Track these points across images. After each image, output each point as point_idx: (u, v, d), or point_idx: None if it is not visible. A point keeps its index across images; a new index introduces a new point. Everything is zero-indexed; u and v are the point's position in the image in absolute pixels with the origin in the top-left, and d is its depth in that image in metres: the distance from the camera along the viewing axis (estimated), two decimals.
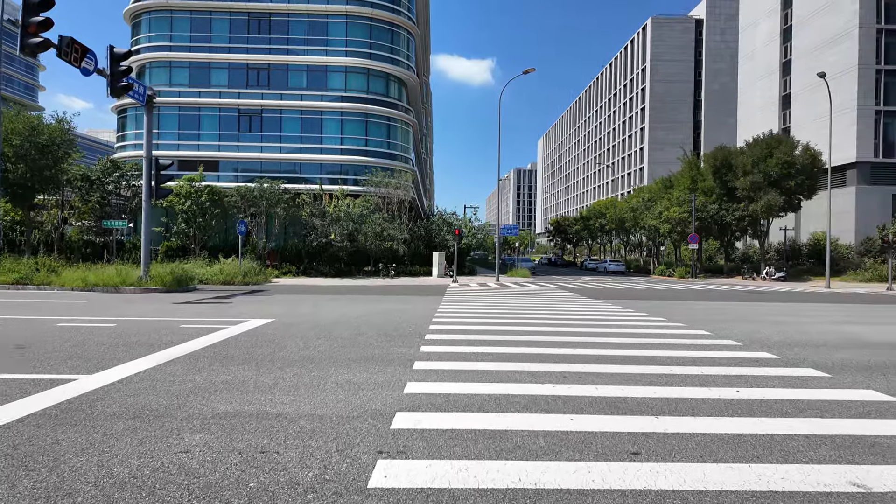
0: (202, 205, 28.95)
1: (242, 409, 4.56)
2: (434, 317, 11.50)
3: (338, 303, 14.86)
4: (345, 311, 12.32)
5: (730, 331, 9.97)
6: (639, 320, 11.52)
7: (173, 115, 37.69)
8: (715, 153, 40.64)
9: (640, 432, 4.11)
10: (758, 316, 12.97)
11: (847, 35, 44.04)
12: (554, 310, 13.69)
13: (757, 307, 15.68)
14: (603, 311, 13.44)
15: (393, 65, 39.16)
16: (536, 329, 9.75)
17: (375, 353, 7.17)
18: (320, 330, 9.25)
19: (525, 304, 15.21)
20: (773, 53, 55.10)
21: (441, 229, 37.46)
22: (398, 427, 4.13)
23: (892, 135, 43.71)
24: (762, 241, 40.00)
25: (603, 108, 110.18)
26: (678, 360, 6.98)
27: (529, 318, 11.49)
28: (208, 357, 6.73)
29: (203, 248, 29.49)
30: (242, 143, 37.70)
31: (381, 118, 38.76)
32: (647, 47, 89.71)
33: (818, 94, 46.87)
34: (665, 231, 41.78)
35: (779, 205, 35.76)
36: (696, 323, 11.16)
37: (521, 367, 6.41)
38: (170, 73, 38.29)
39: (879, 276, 34.38)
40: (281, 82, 38.21)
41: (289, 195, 31.18)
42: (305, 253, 30.40)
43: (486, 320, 11.04)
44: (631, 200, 52.05)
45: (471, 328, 9.73)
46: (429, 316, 11.64)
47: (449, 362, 6.58)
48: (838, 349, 8.08)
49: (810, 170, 36.31)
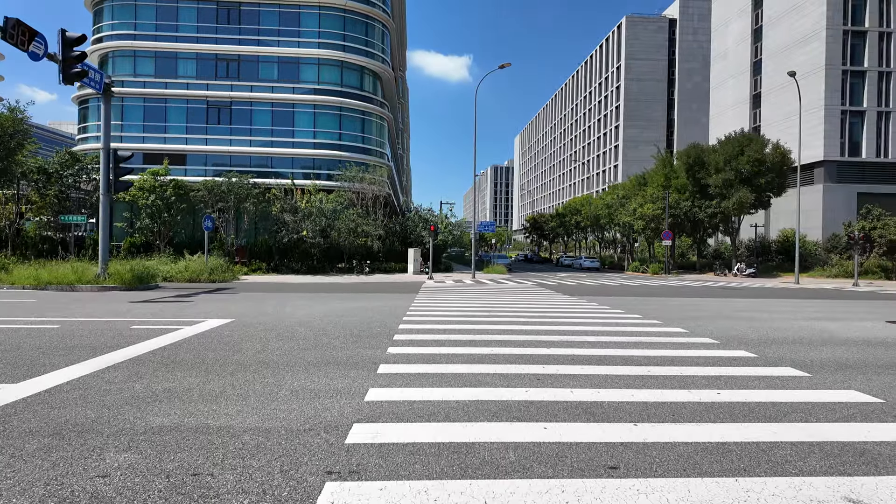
0: (167, 199, 27.82)
1: (181, 421, 4.08)
2: (405, 315, 11.08)
3: (306, 301, 14.31)
4: (312, 311, 11.80)
5: (706, 328, 9.80)
6: (615, 318, 11.30)
7: (138, 107, 36.32)
8: (688, 151, 41.07)
9: (618, 442, 3.79)
10: (732, 312, 12.90)
11: (815, 36, 44.99)
12: (529, 307, 13.41)
13: (731, 303, 15.69)
14: (578, 309, 13.21)
15: (367, 58, 38.44)
16: (511, 328, 9.42)
17: (339, 355, 6.72)
18: (282, 330, 8.74)
19: (500, 302, 14.90)
20: (744, 53, 56.05)
21: (417, 225, 36.98)
22: (353, 441, 3.71)
23: (857, 134, 44.88)
24: (734, 237, 40.63)
25: (578, 106, 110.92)
26: (656, 360, 6.72)
27: (504, 316, 11.16)
28: (154, 362, 6.19)
29: (168, 245, 28.43)
30: (211, 136, 36.54)
31: (356, 112, 38.03)
32: (621, 46, 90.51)
33: (787, 94, 47.85)
34: (639, 228, 42.12)
35: (750, 202, 36.32)
36: (672, 320, 10.99)
37: (494, 369, 6.05)
38: (134, 63, 36.87)
39: (845, 272, 35.22)
40: (251, 74, 37.16)
41: (258, 190, 30.25)
42: (276, 249, 29.54)
43: (460, 318, 10.68)
44: (606, 197, 52.40)
45: (443, 327, 9.35)
46: (400, 315, 11.22)
47: (417, 365, 6.18)
48: (815, 347, 7.95)
49: (780, 168, 36.98)
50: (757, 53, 54.01)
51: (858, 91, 44.91)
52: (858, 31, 44.75)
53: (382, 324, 9.66)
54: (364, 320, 10.17)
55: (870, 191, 43.96)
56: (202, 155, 36.49)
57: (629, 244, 51.19)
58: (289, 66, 37.38)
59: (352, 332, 8.58)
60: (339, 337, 8.13)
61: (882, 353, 7.56)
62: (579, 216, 62.19)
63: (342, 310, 12.02)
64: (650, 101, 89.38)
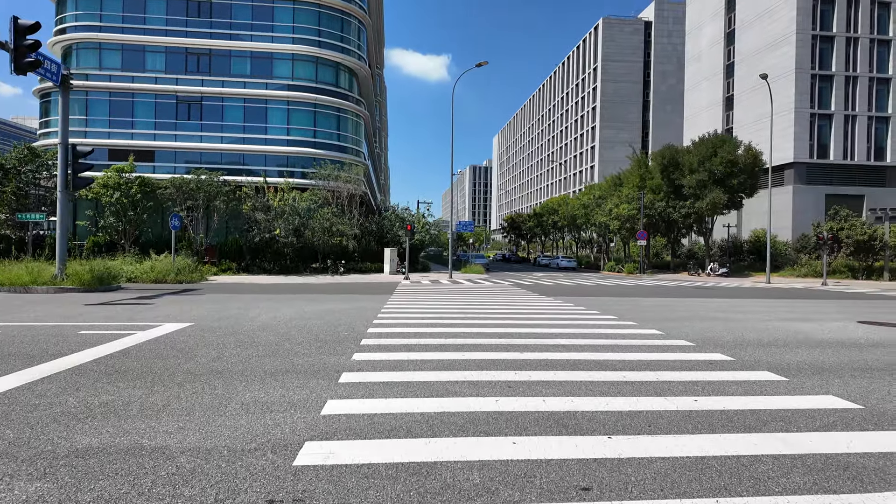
0: (133, 197, 26.79)
1: (112, 441, 3.67)
2: (376, 318, 10.71)
3: (274, 303, 13.81)
4: (278, 313, 11.34)
5: (681, 330, 9.67)
6: (590, 319, 11.12)
7: (103, 101, 35.05)
8: (663, 152, 41.50)
9: (591, 458, 3.51)
10: (707, 313, 12.86)
11: (785, 40, 45.92)
12: (505, 308, 13.16)
13: (705, 303, 15.70)
14: (554, 310, 13.01)
15: (343, 54, 37.83)
16: (484, 331, 9.13)
17: (300, 362, 6.32)
18: (243, 336, 8.29)
19: (476, 302, 14.63)
20: (717, 56, 56.97)
21: (393, 225, 36.53)
22: (303, 463, 3.36)
23: (825, 137, 45.97)
24: (707, 237, 41.20)
25: (556, 107, 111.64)
26: (631, 365, 6.50)
27: (478, 318, 10.88)
28: (97, 371, 5.72)
29: (135, 244, 27.42)
30: (181, 132, 35.48)
31: (331, 109, 37.38)
32: (598, 47, 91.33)
33: (759, 96, 48.76)
34: (615, 228, 42.43)
35: (723, 202, 36.84)
36: (647, 322, 10.85)
37: (464, 376, 5.74)
38: (100, 56, 35.58)
39: (814, 272, 35.98)
40: (223, 69, 36.20)
41: (229, 187, 29.39)
42: (247, 249, 28.73)
43: (432, 321, 10.35)
44: (582, 198, 52.71)
45: (414, 331, 9.01)
46: (371, 318, 10.84)
47: (382, 373, 5.83)
48: (791, 349, 7.85)
49: (752, 169, 37.60)
50: (730, 56, 54.95)
51: (827, 95, 46.01)
52: (826, 35, 45.83)
53: (351, 328, 9.28)
54: (332, 324, 9.76)
55: (837, 192, 45.09)
56: (171, 152, 35.39)
57: (605, 244, 51.58)
58: (262, 62, 36.54)
59: (317, 337, 8.18)
60: (303, 342, 7.72)
61: (856, 354, 7.48)
62: (556, 216, 62.46)
63: (310, 313, 11.58)
64: (626, 103, 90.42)
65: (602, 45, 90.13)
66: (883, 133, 46.58)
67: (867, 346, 8.28)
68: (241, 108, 35.99)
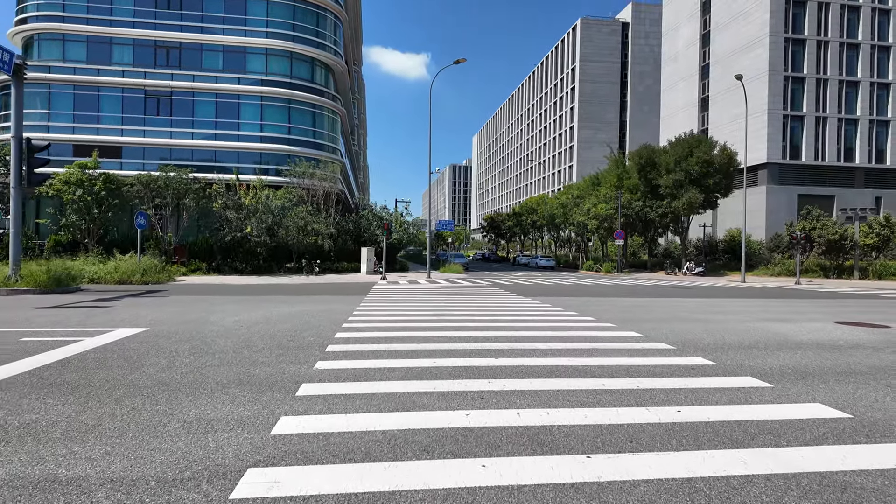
0: (97, 194, 25.67)
1: (20, 472, 3.18)
2: (347, 321, 10.25)
3: (240, 305, 13.22)
4: (242, 317, 10.78)
5: (661, 332, 9.44)
6: (568, 321, 10.84)
7: (67, 95, 33.70)
8: (640, 151, 41.72)
9: (568, 483, 3.16)
10: (686, 313, 12.71)
11: (759, 42, 46.62)
12: (481, 310, 12.81)
13: (683, 303, 15.60)
14: (532, 311, 12.71)
15: (319, 49, 37.08)
16: (459, 334, 8.76)
17: (257, 373, 5.85)
18: (199, 342, 7.76)
19: (452, 303, 14.25)
20: (693, 57, 57.63)
21: (371, 223, 35.93)
22: (241, 496, 2.93)
23: (798, 138, 46.82)
24: (683, 237, 41.56)
25: (535, 106, 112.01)
26: (610, 371, 6.19)
27: (454, 321, 10.50)
28: (29, 384, 5.17)
29: (99, 244, 26.30)
30: (150, 127, 34.34)
31: (306, 105, 36.61)
32: (576, 48, 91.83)
33: (734, 97, 49.43)
34: (593, 227, 42.53)
35: (699, 202, 37.16)
36: (626, 323, 10.61)
37: (433, 386, 5.35)
38: (63, 48, 34.22)
39: (787, 271, 36.53)
40: (194, 62, 35.16)
41: (199, 185, 28.44)
42: (218, 248, 27.80)
43: (405, 324, 9.94)
44: (561, 197, 52.80)
45: (385, 335, 8.59)
46: (341, 321, 10.38)
47: (345, 384, 5.41)
48: (772, 352, 7.65)
49: (727, 169, 37.98)
50: (705, 58, 55.64)
51: (799, 96, 46.86)
52: (798, 38, 46.67)
53: (318, 332, 8.80)
54: (298, 328, 9.27)
55: (809, 192, 45.96)
56: (140, 148, 34.21)
57: (583, 243, 51.75)
58: (234, 56, 35.58)
59: (280, 344, 7.69)
60: (264, 349, 7.24)
61: (838, 357, 7.31)
62: (535, 215, 62.51)
63: (277, 316, 11.05)
64: (604, 103, 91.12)
65: (580, 46, 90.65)
66: (852, 135, 47.64)
67: (847, 347, 8.14)
68: (212, 104, 35.00)
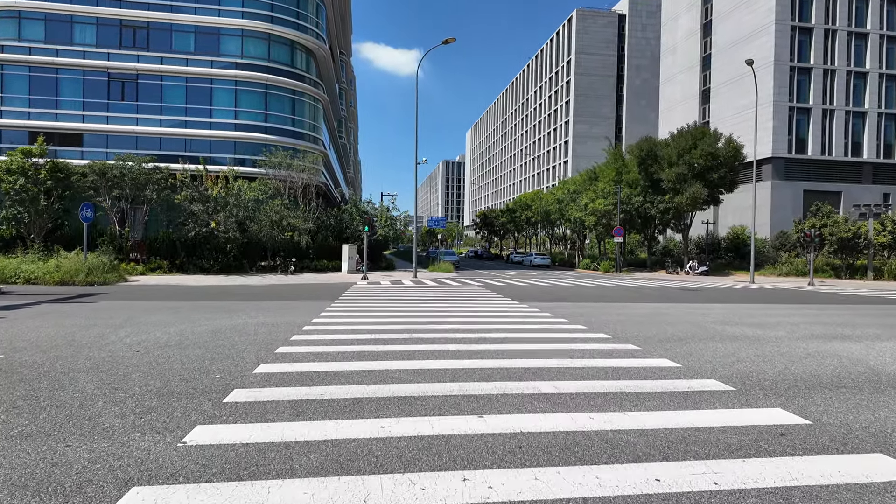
0: (42, 184, 23.00)
1: None
2: (288, 342, 7.88)
3: (169, 316, 10.81)
4: (151, 336, 8.33)
5: (703, 359, 7.13)
6: (579, 340, 8.51)
7: (22, 77, 31.01)
8: (640, 144, 39.53)
9: None
10: (718, 326, 10.43)
11: (764, 30, 44.47)
12: (468, 320, 10.47)
13: (706, 312, 13.33)
14: (529, 322, 10.38)
15: (299, 31, 34.52)
16: (434, 365, 6.41)
17: (83, 451, 3.45)
18: (50, 380, 5.33)
19: (434, 312, 11.91)
20: (693, 48, 55.45)
21: (353, 219, 33.45)
22: None
23: (804, 131, 44.76)
24: (685, 234, 39.41)
25: (529, 101, 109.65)
26: (659, 438, 3.85)
27: (432, 339, 8.14)
28: None
29: (47, 239, 23.68)
30: (113, 113, 31.72)
31: (285, 91, 34.06)
32: (572, 40, 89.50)
33: (738, 89, 47.31)
34: (590, 223, 40.26)
35: (703, 197, 35.02)
36: (651, 343, 8.29)
37: (364, 487, 2.99)
38: (19, 26, 31.48)
39: (796, 270, 34.49)
40: (163, 44, 32.51)
41: (160, 175, 25.83)
42: (181, 245, 25.20)
43: (367, 347, 7.59)
44: (556, 192, 50.50)
45: (329, 368, 6.23)
46: (280, 341, 8.00)
47: (217, 486, 3.03)
48: (874, 395, 5.35)
49: (732, 163, 35.85)
50: (706, 48, 53.45)
51: (805, 88, 44.77)
52: (805, 27, 44.54)
53: (234, 364, 6.40)
54: (213, 354, 6.88)
55: (815, 188, 43.93)
56: (102, 136, 31.55)
57: (580, 241, 49.51)
58: (207, 37, 32.95)
59: (167, 384, 5.29)
60: (136, 395, 4.85)
61: None
62: (530, 212, 60.21)
63: (198, 334, 8.60)
64: (600, 97, 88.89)
65: (576, 38, 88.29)
66: (860, 128, 45.63)
67: None
68: (183, 88, 32.38)
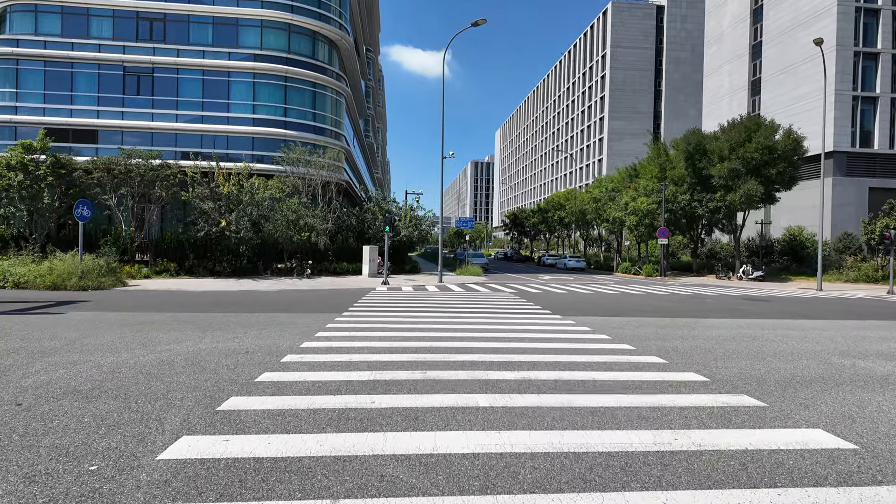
0: (41, 180, 21.63)
1: None
2: (256, 380, 5.68)
3: (132, 335, 8.78)
4: (84, 370, 6.21)
5: (875, 426, 4.62)
6: (659, 382, 6.05)
7: (37, 72, 30.03)
8: (688, 137, 36.31)
9: None
10: (840, 360, 7.80)
11: (825, 13, 40.63)
12: (503, 346, 8.10)
13: (802, 333, 10.62)
14: (583, 352, 7.95)
15: (321, 21, 32.71)
16: (451, 443, 4.12)
17: None
18: None
19: (459, 330, 9.60)
20: (741, 36, 51.64)
21: (376, 218, 31.40)
22: None
23: (869, 123, 40.73)
24: (737, 235, 36.02)
25: (561, 98, 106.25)
26: None
27: (454, 376, 5.82)
28: None
29: (50, 239, 22.34)
30: (129, 108, 30.45)
31: (306, 83, 32.28)
32: (606, 33, 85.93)
33: (792, 78, 43.56)
34: (631, 224, 37.21)
35: (759, 195, 31.68)
36: (768, 390, 5.77)
37: None
38: (35, 20, 30.55)
39: (865, 276, 30.90)
40: (180, 36, 31.13)
41: (169, 171, 24.24)
42: (190, 246, 23.53)
43: (358, 400, 5.32)
44: (593, 191, 47.49)
45: (289, 448, 4.00)
46: (248, 377, 5.81)
47: None
48: None
49: (791, 157, 32.40)
50: (756, 35, 49.60)
51: (871, 75, 40.71)
52: (871, 8, 40.48)
53: (154, 427, 4.21)
54: (128, 412, 4.71)
55: (882, 185, 39.82)
56: (117, 132, 30.32)
57: (618, 242, 46.35)
58: (225, 28, 31.44)
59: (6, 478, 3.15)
60: None
61: None
62: (563, 211, 57.26)
63: (150, 364, 6.48)
64: (636, 92, 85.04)
65: (611, 31, 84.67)
66: None
67: None
68: (199, 81, 30.93)
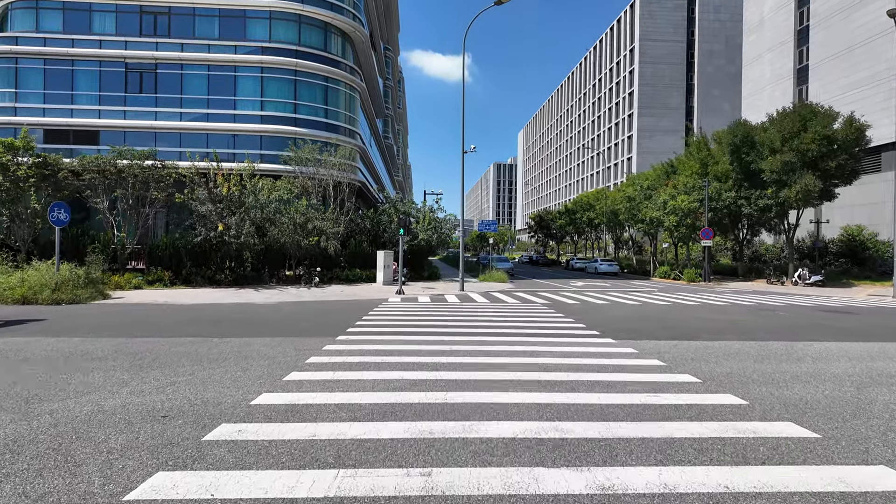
0: (23, 181, 19.92)
1: None
2: (157, 475, 3.30)
3: (56, 376, 6.56)
4: None
5: None
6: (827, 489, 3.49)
7: (37, 70, 28.68)
8: (733, 129, 33.13)
9: None
10: None
11: None
12: (540, 396, 5.61)
13: None
14: (656, 403, 5.41)
15: (333, 12, 30.68)
16: None
17: None
18: None
19: (480, 362, 7.12)
20: (784, 21, 47.97)
21: (392, 220, 29.13)
22: None
23: None
24: (790, 235, 32.61)
25: (587, 95, 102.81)
26: None
27: (473, 465, 3.35)
28: None
29: (33, 245, 20.58)
30: (131, 107, 28.87)
31: (317, 77, 30.25)
32: (635, 26, 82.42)
33: (844, 63, 39.89)
34: (671, 224, 34.10)
35: (817, 190, 28.36)
36: None
37: None
38: (37, 17, 29.25)
39: None
40: (184, 30, 29.47)
41: (164, 171, 22.36)
42: (186, 252, 21.56)
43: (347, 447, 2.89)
44: (626, 189, 44.35)
45: None
46: (174, 444, 3.43)
47: None
48: None
49: (853, 148, 28.98)
50: (802, 19, 45.91)
51: None
52: None
53: None
54: None
55: None
56: (119, 132, 28.74)
57: (654, 245, 43.14)
58: (232, 21, 29.66)
59: None
60: None
61: None
62: (592, 212, 54.15)
63: (22, 432, 4.22)
64: (667, 87, 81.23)
65: (640, 24, 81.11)
66: None
67: None
68: (204, 77, 29.16)
